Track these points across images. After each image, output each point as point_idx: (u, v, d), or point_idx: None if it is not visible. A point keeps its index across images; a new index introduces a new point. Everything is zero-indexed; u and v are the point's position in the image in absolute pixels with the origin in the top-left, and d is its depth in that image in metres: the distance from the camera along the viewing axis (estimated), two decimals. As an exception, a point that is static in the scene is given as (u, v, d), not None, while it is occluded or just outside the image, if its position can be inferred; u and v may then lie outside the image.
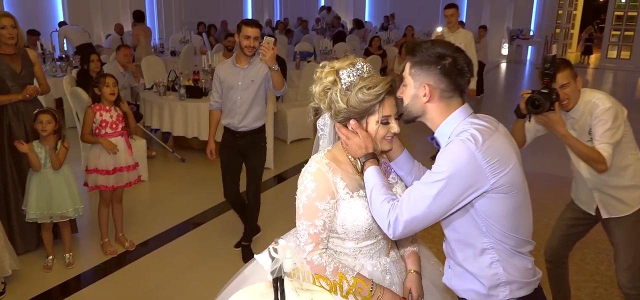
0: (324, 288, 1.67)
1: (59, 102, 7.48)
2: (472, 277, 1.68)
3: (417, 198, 1.55)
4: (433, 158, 1.88)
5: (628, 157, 2.61)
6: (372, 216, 1.69)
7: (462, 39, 5.54)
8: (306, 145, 6.86)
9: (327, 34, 13.80)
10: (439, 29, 5.03)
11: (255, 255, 1.39)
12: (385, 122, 1.70)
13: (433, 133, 1.69)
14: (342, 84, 1.68)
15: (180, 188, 5.44)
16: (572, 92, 2.55)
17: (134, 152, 4.13)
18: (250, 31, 3.59)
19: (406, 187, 1.85)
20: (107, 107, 3.88)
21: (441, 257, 2.12)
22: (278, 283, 1.01)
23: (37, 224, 3.76)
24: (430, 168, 1.61)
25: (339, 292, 1.66)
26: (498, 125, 1.64)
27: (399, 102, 1.72)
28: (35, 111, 3.60)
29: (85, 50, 6.19)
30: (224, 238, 4.28)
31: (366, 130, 1.71)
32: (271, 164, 5.86)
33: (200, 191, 5.31)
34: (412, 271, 1.89)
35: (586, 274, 3.75)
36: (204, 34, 12.42)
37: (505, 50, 15.98)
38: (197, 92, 6.16)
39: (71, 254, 3.83)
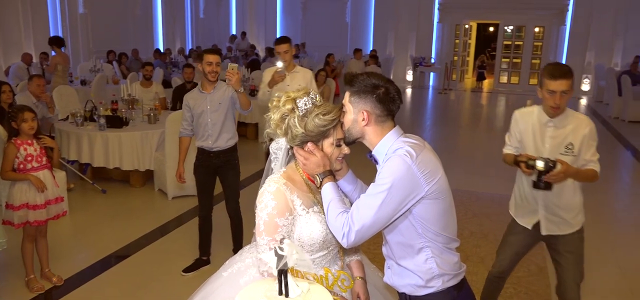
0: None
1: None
2: (411, 273, 1.95)
3: (365, 208, 1.79)
4: None
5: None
6: (326, 229, 1.92)
7: (302, 79, 4.81)
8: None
9: (240, 62, 13.93)
10: (280, 64, 4.51)
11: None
12: (338, 144, 1.94)
13: (371, 151, 1.96)
14: (299, 111, 1.90)
15: (104, 220, 5.32)
16: (565, 101, 2.67)
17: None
18: (212, 58, 3.92)
19: (351, 203, 2.08)
20: (29, 141, 3.78)
21: (378, 263, 2.38)
22: (282, 276, 1.19)
23: (-47, 264, 3.57)
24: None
25: (324, 284, 1.86)
26: (424, 143, 1.95)
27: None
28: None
29: (-7, 81, 5.88)
30: (155, 267, 4.27)
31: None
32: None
33: (124, 222, 5.23)
34: (358, 278, 2.12)
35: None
36: (114, 63, 12.08)
37: (409, 77, 17.06)
38: (117, 121, 6.08)
39: (-6, 293, 3.67)
